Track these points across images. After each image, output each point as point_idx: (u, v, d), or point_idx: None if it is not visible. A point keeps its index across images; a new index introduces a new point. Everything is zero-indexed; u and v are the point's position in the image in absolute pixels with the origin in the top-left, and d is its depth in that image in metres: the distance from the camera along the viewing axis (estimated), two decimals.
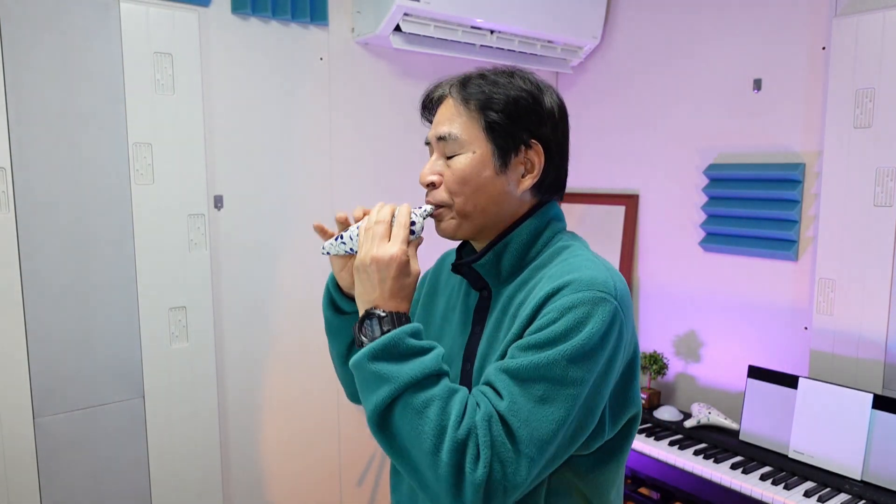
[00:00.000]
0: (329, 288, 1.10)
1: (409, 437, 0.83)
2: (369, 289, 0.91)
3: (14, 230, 1.73)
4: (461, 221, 0.99)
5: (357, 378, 0.88)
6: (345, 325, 1.09)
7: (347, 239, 1.00)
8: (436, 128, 1.01)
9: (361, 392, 0.88)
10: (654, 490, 2.22)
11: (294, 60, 2.19)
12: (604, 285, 0.88)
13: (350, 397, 1.17)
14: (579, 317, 0.85)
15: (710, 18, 2.36)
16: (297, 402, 2.31)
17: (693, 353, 2.48)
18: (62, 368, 1.83)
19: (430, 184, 1.00)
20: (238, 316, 2.15)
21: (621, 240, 2.66)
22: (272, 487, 2.28)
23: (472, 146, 0.97)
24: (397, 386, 0.83)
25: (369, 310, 0.90)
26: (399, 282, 0.91)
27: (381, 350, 0.85)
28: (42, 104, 1.75)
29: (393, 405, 0.84)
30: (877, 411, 1.84)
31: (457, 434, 0.81)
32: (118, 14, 1.83)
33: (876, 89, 1.91)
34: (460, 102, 0.98)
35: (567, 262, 0.94)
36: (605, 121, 2.73)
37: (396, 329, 0.87)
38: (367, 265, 0.90)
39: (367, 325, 0.89)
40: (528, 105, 0.98)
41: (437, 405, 0.82)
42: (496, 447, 0.81)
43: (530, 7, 2.38)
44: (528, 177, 0.99)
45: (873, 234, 1.93)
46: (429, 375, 0.84)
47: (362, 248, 0.92)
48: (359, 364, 0.87)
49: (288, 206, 2.22)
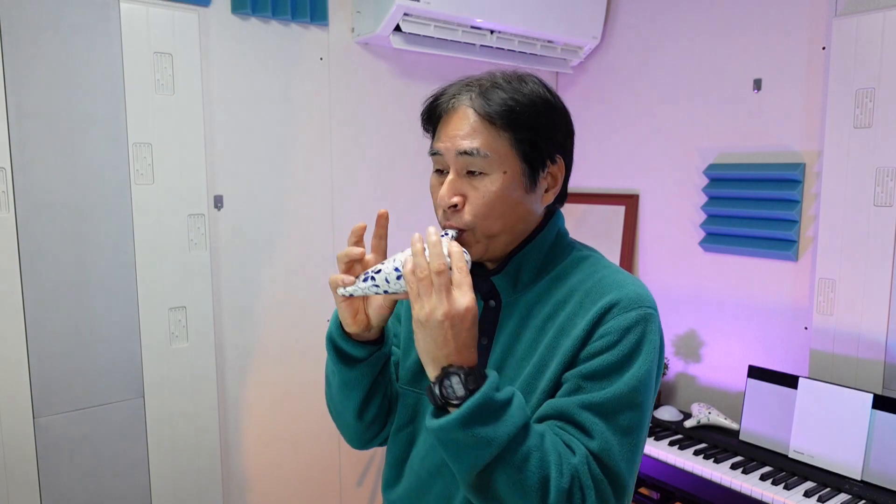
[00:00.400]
0: (335, 340, 0.98)
1: (511, 495, 0.81)
2: (441, 344, 0.82)
3: (14, 230, 1.73)
4: (488, 244, 0.95)
5: (444, 441, 0.83)
6: (362, 374, 0.99)
7: (382, 281, 0.89)
8: (454, 141, 0.92)
9: (451, 454, 0.83)
10: (654, 490, 2.21)
11: (294, 60, 2.19)
12: (647, 300, 0.92)
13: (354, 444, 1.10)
14: (639, 337, 0.89)
15: (710, 18, 2.36)
16: (297, 402, 2.31)
17: (693, 353, 2.48)
18: (62, 368, 1.83)
19: (452, 206, 0.92)
20: (238, 316, 2.15)
21: (621, 240, 2.66)
22: (272, 487, 2.28)
23: (502, 165, 0.91)
24: (497, 448, 0.80)
25: (447, 368, 0.83)
26: (471, 332, 0.84)
27: (474, 413, 0.80)
28: (42, 104, 1.75)
29: (493, 466, 0.81)
30: (877, 411, 1.84)
31: (561, 483, 0.81)
32: (118, 14, 1.83)
33: (876, 89, 1.91)
34: (484, 117, 0.91)
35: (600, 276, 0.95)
36: (605, 121, 2.72)
37: (483, 386, 0.82)
38: (440, 322, 0.81)
39: (448, 384, 0.82)
40: (550, 116, 0.95)
41: (535, 457, 0.81)
42: (599, 487, 0.83)
43: (530, 7, 2.38)
44: (551, 191, 0.98)
45: (873, 234, 1.93)
46: (521, 428, 0.82)
47: (426, 303, 0.82)
48: (448, 430, 0.81)
49: (288, 206, 2.22)
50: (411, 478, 1.02)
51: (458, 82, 0.98)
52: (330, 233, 2.32)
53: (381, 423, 1.07)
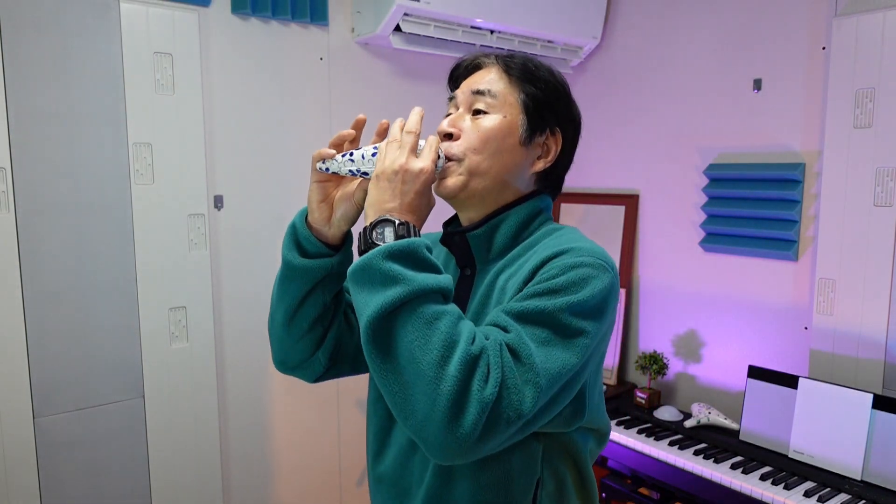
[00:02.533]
0: (296, 225, 0.99)
1: (410, 348, 0.75)
2: (388, 197, 0.84)
3: (14, 230, 1.73)
4: (468, 180, 0.96)
5: (358, 280, 0.80)
6: (306, 270, 0.97)
7: (358, 158, 0.92)
8: (471, 84, 1.01)
9: (360, 294, 0.80)
10: (654, 490, 2.21)
11: (294, 60, 2.19)
12: (604, 256, 0.89)
13: (280, 363, 1.05)
14: (582, 275, 0.84)
15: (710, 18, 2.36)
16: (297, 402, 2.31)
17: (693, 353, 2.48)
18: (62, 368, 1.83)
19: (447, 135, 0.98)
20: (238, 316, 2.15)
21: (621, 240, 2.66)
22: (272, 487, 2.28)
23: (505, 110, 0.98)
24: (411, 289, 0.76)
25: (384, 216, 0.83)
26: (420, 199, 0.86)
27: (398, 251, 0.79)
28: (42, 104, 1.75)
29: (400, 309, 0.76)
30: (877, 411, 1.84)
31: (470, 349, 0.75)
32: (118, 14, 1.83)
33: (876, 89, 1.91)
34: (503, 70, 1.00)
35: (562, 236, 0.95)
36: (605, 121, 2.72)
37: (414, 238, 0.82)
38: (394, 172, 0.85)
39: (380, 229, 0.82)
40: (562, 96, 1.02)
41: (447, 319, 0.77)
42: (506, 370, 0.76)
43: (530, 7, 2.38)
44: (542, 160, 1.01)
45: (873, 234, 1.93)
46: (443, 289, 0.80)
47: (387, 157, 0.86)
48: (368, 263, 0.79)
49: (288, 206, 2.22)
50: (395, 448, 1.00)
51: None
52: None
53: (311, 344, 1.01)
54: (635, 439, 2.19)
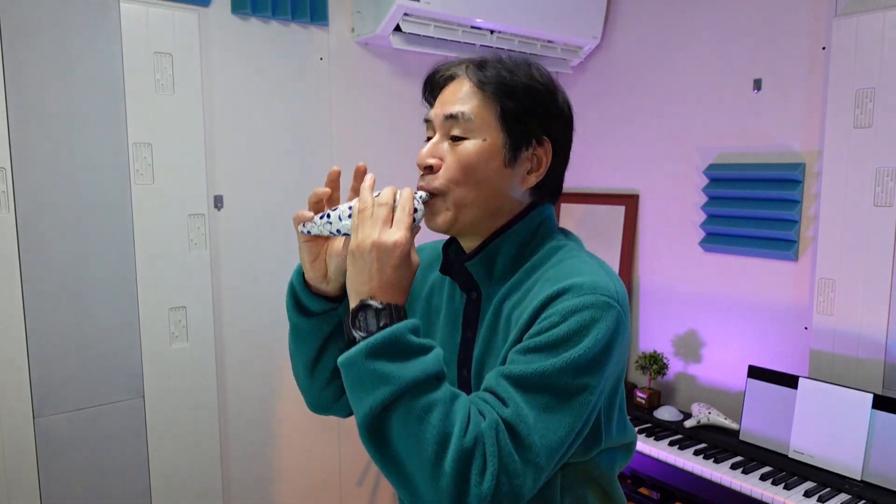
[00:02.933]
0: (294, 286, 0.97)
1: (406, 445, 0.75)
2: (366, 277, 0.81)
3: (14, 230, 1.73)
4: (457, 214, 0.92)
5: (348, 377, 0.79)
6: (314, 328, 0.97)
7: (336, 219, 0.90)
8: (444, 106, 0.93)
9: (353, 393, 0.79)
10: (654, 490, 2.22)
11: (294, 60, 2.19)
12: (606, 289, 0.84)
13: (312, 407, 1.07)
14: (584, 321, 0.81)
15: (710, 18, 2.36)
16: (296, 402, 2.30)
17: (693, 353, 2.48)
18: (62, 368, 1.83)
19: (427, 167, 0.92)
20: (238, 316, 2.15)
21: (621, 240, 2.66)
22: (272, 487, 2.28)
23: (484, 133, 0.91)
24: (398, 387, 0.75)
25: (364, 301, 0.80)
26: (399, 272, 0.82)
27: (380, 346, 0.77)
28: (42, 104, 1.75)
29: (391, 408, 0.76)
30: (877, 411, 1.84)
31: (463, 442, 0.74)
32: (118, 14, 1.83)
33: (876, 89, 1.91)
34: (476, 85, 0.92)
35: (564, 264, 0.90)
36: (605, 121, 2.72)
37: (396, 324, 0.79)
38: (367, 251, 0.81)
39: (362, 317, 0.80)
40: (545, 99, 0.94)
41: (439, 410, 0.75)
42: (504, 458, 0.75)
43: (530, 7, 2.38)
44: (533, 174, 0.95)
45: (873, 234, 1.93)
46: (431, 377, 0.77)
47: (360, 231, 0.82)
48: (352, 361, 0.78)
49: (288, 206, 2.22)
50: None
51: (461, 57, 0.99)
52: None
53: (337, 389, 1.02)
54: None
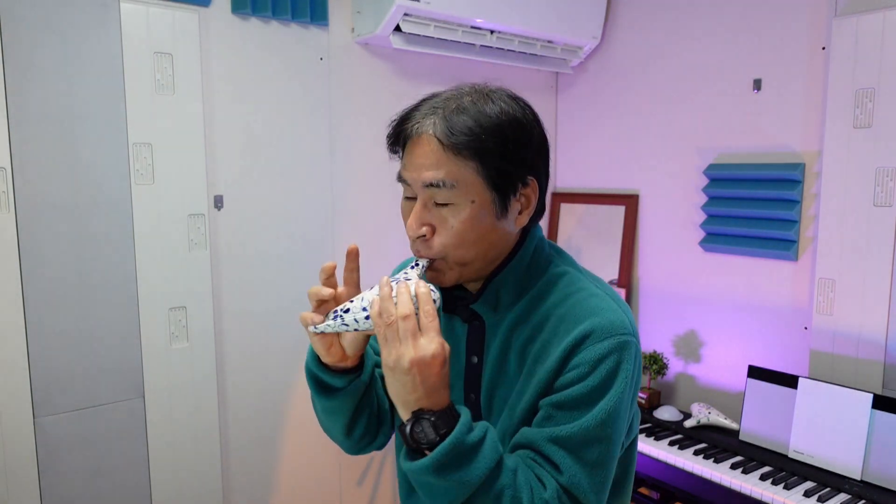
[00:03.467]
0: (312, 370, 0.98)
1: None
2: (410, 389, 0.82)
3: (14, 230, 1.73)
4: (461, 271, 0.93)
5: (417, 483, 0.85)
6: (343, 402, 0.99)
7: (351, 321, 0.89)
8: (419, 171, 0.89)
9: (426, 495, 0.85)
10: (654, 490, 2.22)
11: (294, 60, 2.19)
12: (623, 327, 0.89)
13: (353, 453, 1.11)
14: (611, 367, 0.87)
15: (710, 18, 2.36)
16: (296, 402, 2.31)
17: (693, 353, 2.48)
18: (62, 368, 1.83)
19: (420, 236, 0.91)
20: (238, 316, 2.15)
21: (621, 240, 2.66)
22: (272, 487, 2.28)
23: (469, 195, 0.88)
24: (470, 490, 0.82)
25: (417, 412, 0.83)
26: (440, 375, 0.83)
27: (445, 459, 0.81)
28: (42, 104, 1.75)
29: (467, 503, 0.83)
30: (877, 411, 1.84)
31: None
32: (118, 14, 1.83)
33: (876, 89, 1.91)
34: (448, 147, 0.87)
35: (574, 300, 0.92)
36: (604, 121, 2.72)
37: (455, 431, 0.82)
38: (407, 369, 0.81)
39: (419, 429, 0.82)
40: (518, 133, 0.90)
41: (508, 494, 0.82)
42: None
43: (530, 7, 2.38)
44: (525, 213, 0.94)
45: (873, 234, 1.93)
46: (493, 467, 0.83)
47: (393, 350, 0.82)
48: (421, 474, 0.82)
49: (288, 206, 2.22)
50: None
51: (421, 103, 0.94)
52: (330, 233, 2.32)
53: (372, 435, 1.07)
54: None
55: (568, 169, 2.87)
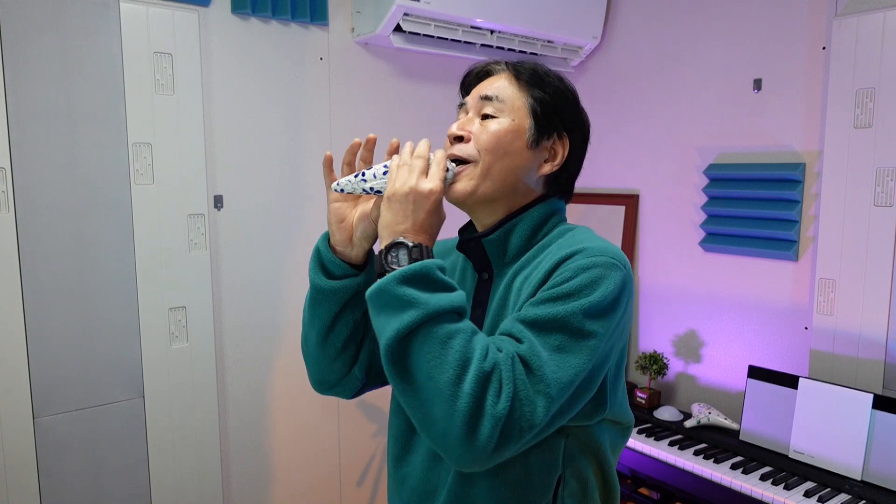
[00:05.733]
0: (319, 249, 1.03)
1: (427, 367, 0.80)
2: (400, 219, 0.89)
3: (14, 230, 1.73)
4: (480, 182, 0.98)
5: (375, 304, 0.85)
6: (334, 291, 1.02)
7: (371, 177, 0.96)
8: (481, 89, 1.02)
9: (380, 318, 0.84)
10: (654, 490, 2.21)
11: (294, 60, 2.19)
12: (615, 254, 0.91)
13: (317, 384, 1.09)
14: (594, 276, 0.87)
15: (710, 19, 2.36)
16: (296, 402, 2.31)
17: (693, 353, 2.48)
18: (62, 368, 1.83)
19: (458, 137, 1.00)
20: (238, 316, 2.15)
21: (621, 240, 2.66)
22: (272, 487, 2.28)
23: (513, 115, 1.00)
24: (425, 312, 0.81)
25: (397, 239, 0.88)
26: (431, 218, 0.90)
27: (410, 275, 0.83)
28: (42, 104, 1.75)
29: (416, 332, 0.81)
30: (877, 411, 1.84)
31: (482, 365, 0.80)
32: (118, 14, 1.83)
33: (876, 89, 1.91)
34: (513, 76, 1.02)
35: (574, 237, 0.97)
36: (605, 121, 2.72)
37: (426, 259, 0.86)
38: (405, 195, 0.89)
39: (395, 253, 0.87)
40: (570, 105, 1.04)
41: (461, 337, 0.81)
42: (518, 384, 0.81)
43: (530, 7, 2.38)
44: (549, 164, 1.03)
45: (873, 234, 1.93)
46: (455, 309, 0.83)
47: (398, 180, 0.90)
48: (383, 288, 0.83)
49: (288, 206, 2.22)
50: (423, 450, 1.02)
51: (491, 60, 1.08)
52: None
53: (346, 362, 1.06)
54: (635, 439, 2.19)
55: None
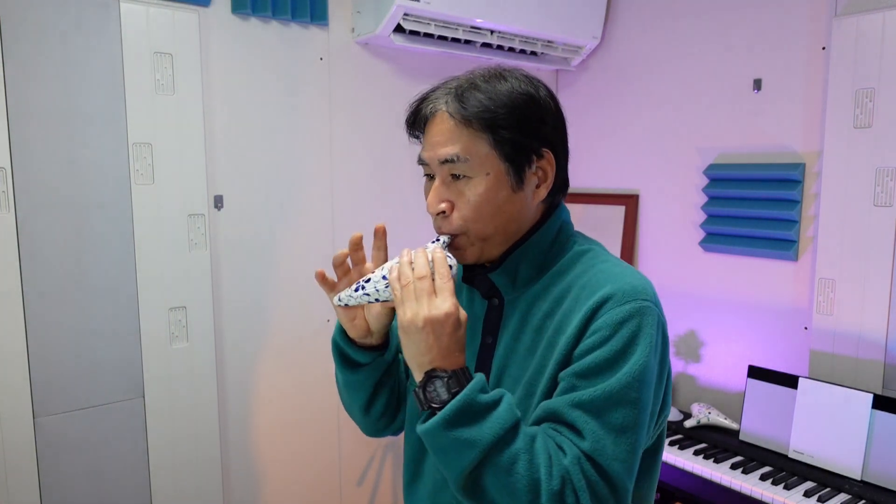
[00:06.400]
0: (339, 343, 1.01)
1: (501, 496, 0.80)
2: (424, 350, 0.84)
3: (14, 230, 1.73)
4: (482, 246, 0.95)
5: (431, 446, 0.84)
6: (365, 378, 1.02)
7: (372, 290, 0.92)
8: (435, 149, 0.93)
9: (440, 458, 0.84)
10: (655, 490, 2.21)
11: (294, 60, 2.19)
12: (644, 293, 0.88)
13: (368, 434, 1.14)
14: (633, 330, 0.85)
15: (710, 18, 2.36)
16: (297, 403, 2.31)
17: (693, 353, 2.48)
18: (62, 368, 1.83)
19: (440, 213, 0.94)
20: (238, 316, 2.15)
21: (621, 240, 2.66)
22: (272, 487, 2.28)
23: (484, 167, 0.91)
24: (481, 449, 0.80)
25: (430, 372, 0.84)
26: (454, 336, 0.85)
27: (456, 416, 0.81)
28: (42, 104, 1.75)
29: (479, 469, 0.81)
30: (877, 411, 1.84)
31: (552, 485, 0.79)
32: (118, 14, 1.83)
33: (876, 89, 1.91)
34: (461, 122, 0.91)
35: (595, 270, 0.92)
36: (605, 121, 2.72)
37: (465, 389, 0.82)
38: (420, 327, 0.83)
39: (431, 388, 0.84)
40: (531, 109, 0.93)
41: (524, 459, 0.80)
42: (592, 488, 0.80)
43: (530, 7, 2.38)
44: (543, 186, 0.96)
45: (873, 234, 1.93)
46: (508, 430, 0.81)
47: (408, 308, 0.85)
48: (433, 433, 0.82)
49: (288, 206, 2.22)
50: (429, 476, 1.02)
51: (437, 86, 0.98)
52: (330, 232, 2.32)
53: (390, 417, 1.10)
54: None
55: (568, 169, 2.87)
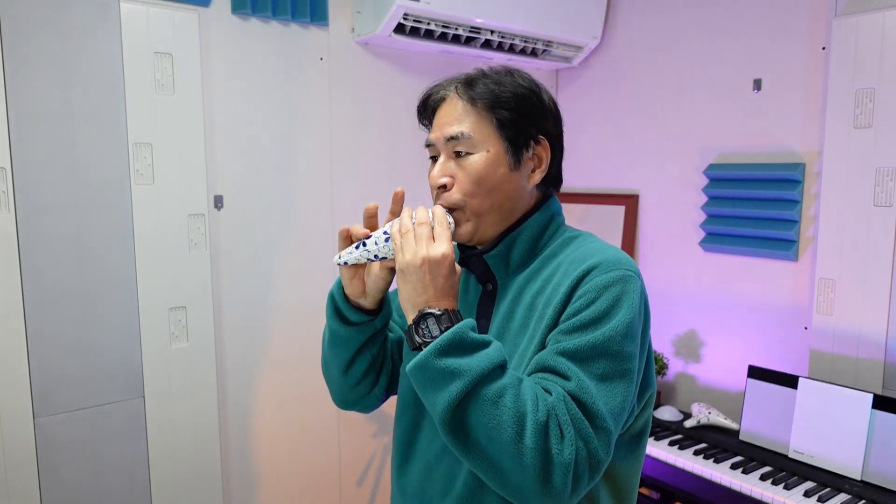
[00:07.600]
0: (335, 298, 1.06)
1: (486, 430, 0.82)
2: (420, 290, 0.89)
3: (14, 230, 1.73)
4: (478, 223, 1.00)
5: (419, 380, 0.86)
6: (351, 336, 1.06)
7: (372, 245, 0.97)
8: (442, 128, 1.00)
9: (427, 394, 0.86)
10: (654, 490, 2.21)
11: (294, 60, 2.19)
12: (629, 264, 0.93)
13: (339, 403, 1.16)
14: (617, 294, 0.89)
15: (710, 18, 2.36)
16: (297, 402, 2.31)
17: (693, 353, 2.48)
18: (62, 368, 1.83)
19: (441, 186, 1.00)
20: (238, 316, 2.15)
21: (621, 240, 2.66)
22: (272, 487, 2.28)
23: (485, 145, 0.98)
24: (470, 379, 0.82)
25: (423, 310, 0.89)
26: (449, 280, 0.91)
27: (447, 346, 0.84)
28: (42, 104, 1.75)
29: (466, 399, 0.83)
30: (877, 411, 1.84)
31: (537, 417, 0.81)
32: (118, 14, 1.83)
33: (876, 89, 1.91)
34: (468, 102, 0.99)
35: (585, 248, 0.98)
36: (605, 120, 2.72)
37: (457, 324, 0.87)
38: (418, 266, 0.89)
39: (424, 325, 0.88)
40: (533, 101, 1.00)
41: (510, 393, 0.82)
42: (577, 424, 0.82)
43: (530, 7, 2.38)
44: (538, 171, 1.02)
45: (873, 234, 1.93)
46: (496, 366, 0.84)
47: (407, 251, 0.90)
48: (423, 364, 0.85)
49: (288, 206, 2.22)
50: (420, 460, 1.04)
51: (448, 78, 1.05)
52: (330, 232, 2.32)
53: (366, 387, 1.11)
54: None
55: (568, 169, 2.84)
